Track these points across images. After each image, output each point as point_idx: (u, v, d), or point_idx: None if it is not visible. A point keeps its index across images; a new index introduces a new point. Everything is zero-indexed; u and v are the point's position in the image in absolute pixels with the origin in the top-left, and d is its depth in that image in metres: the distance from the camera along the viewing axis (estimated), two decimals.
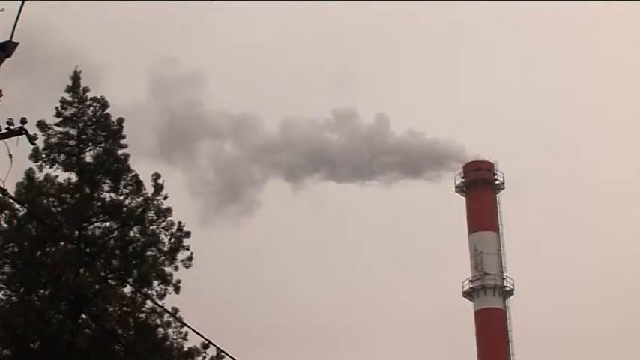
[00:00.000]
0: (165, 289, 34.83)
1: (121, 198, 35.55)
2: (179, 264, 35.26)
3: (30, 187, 34.76)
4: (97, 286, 33.29)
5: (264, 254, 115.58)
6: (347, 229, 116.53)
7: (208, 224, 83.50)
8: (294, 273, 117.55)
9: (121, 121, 36.36)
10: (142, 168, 37.06)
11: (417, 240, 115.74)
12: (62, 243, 34.67)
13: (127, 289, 34.70)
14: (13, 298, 33.66)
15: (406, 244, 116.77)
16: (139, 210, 35.38)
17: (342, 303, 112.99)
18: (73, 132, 35.91)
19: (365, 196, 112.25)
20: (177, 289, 34.94)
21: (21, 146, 15.41)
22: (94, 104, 36.19)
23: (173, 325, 34.37)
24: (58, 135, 35.77)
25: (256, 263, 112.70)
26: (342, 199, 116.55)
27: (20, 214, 34.50)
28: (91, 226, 35.02)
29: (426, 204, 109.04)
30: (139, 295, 34.17)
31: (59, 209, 34.81)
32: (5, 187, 15.62)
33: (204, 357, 34.45)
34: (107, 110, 36.31)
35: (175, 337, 34.50)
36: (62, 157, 35.59)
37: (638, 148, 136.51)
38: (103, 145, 36.01)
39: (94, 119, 36.11)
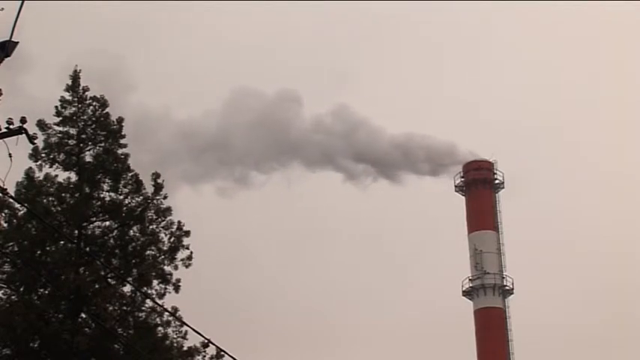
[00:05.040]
0: (165, 288, 34.83)
1: (121, 197, 35.52)
2: (179, 263, 35.28)
3: (30, 186, 34.75)
4: (96, 286, 33.26)
5: (263, 253, 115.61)
6: (347, 229, 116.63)
7: None
8: (294, 273, 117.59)
9: (120, 120, 36.33)
10: None
11: (417, 239, 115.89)
12: (62, 242, 34.65)
13: (127, 289, 34.69)
14: (13, 297, 33.64)
15: (406, 243, 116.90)
16: (139, 209, 35.34)
17: (343, 302, 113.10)
18: (73, 131, 35.87)
19: (365, 195, 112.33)
20: (176, 289, 34.94)
21: (20, 145, 15.42)
22: (94, 103, 36.16)
23: (173, 324, 34.36)
24: (58, 134, 35.74)
25: (254, 263, 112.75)
26: (343, 198, 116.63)
27: (20, 213, 34.49)
28: (91, 226, 35.00)
29: (425, 203, 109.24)
30: (138, 294, 34.16)
31: (59, 208, 34.79)
32: (5, 187, 15.64)
33: (204, 356, 34.44)
34: (107, 110, 36.30)
35: (175, 336, 34.50)
36: (62, 156, 35.56)
37: (637, 148, 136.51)
38: (102, 144, 35.97)
39: (93, 118, 36.08)
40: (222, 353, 31.62)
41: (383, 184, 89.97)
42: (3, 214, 34.26)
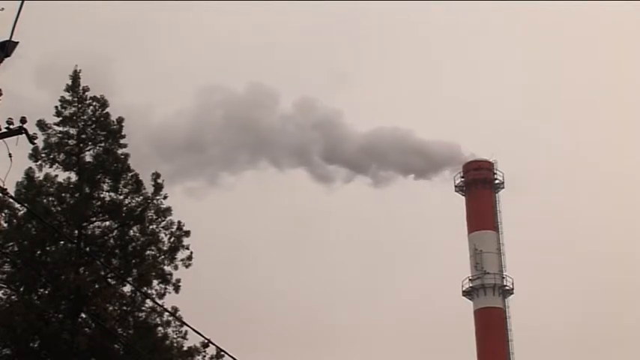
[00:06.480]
0: (165, 288, 34.84)
1: (121, 197, 35.53)
2: (179, 263, 35.29)
3: (30, 186, 34.76)
4: (96, 286, 33.27)
5: (263, 252, 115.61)
6: (347, 229, 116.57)
7: None
8: (294, 273, 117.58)
9: (120, 120, 36.34)
10: None
11: (416, 239, 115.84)
12: (62, 242, 34.66)
13: (127, 289, 34.70)
14: (13, 297, 33.65)
15: (406, 243, 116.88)
16: (139, 209, 35.36)
17: (342, 302, 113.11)
18: (73, 131, 35.88)
19: (365, 195, 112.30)
20: (176, 289, 34.95)
21: (21, 145, 15.43)
22: (94, 103, 36.16)
23: (173, 324, 34.37)
24: (58, 134, 35.75)
25: (254, 262, 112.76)
26: (343, 197, 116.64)
27: (20, 213, 34.50)
28: (91, 226, 35.00)
29: (425, 203, 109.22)
30: (138, 294, 34.16)
31: (59, 208, 34.80)
32: (5, 187, 15.65)
33: (204, 356, 34.46)
34: (107, 109, 36.30)
35: (175, 336, 34.52)
36: (62, 156, 35.57)
37: (637, 148, 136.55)
38: (102, 144, 35.99)
39: (93, 118, 36.08)
40: (222, 353, 31.64)
41: (383, 184, 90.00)
42: (3, 214, 34.28)
